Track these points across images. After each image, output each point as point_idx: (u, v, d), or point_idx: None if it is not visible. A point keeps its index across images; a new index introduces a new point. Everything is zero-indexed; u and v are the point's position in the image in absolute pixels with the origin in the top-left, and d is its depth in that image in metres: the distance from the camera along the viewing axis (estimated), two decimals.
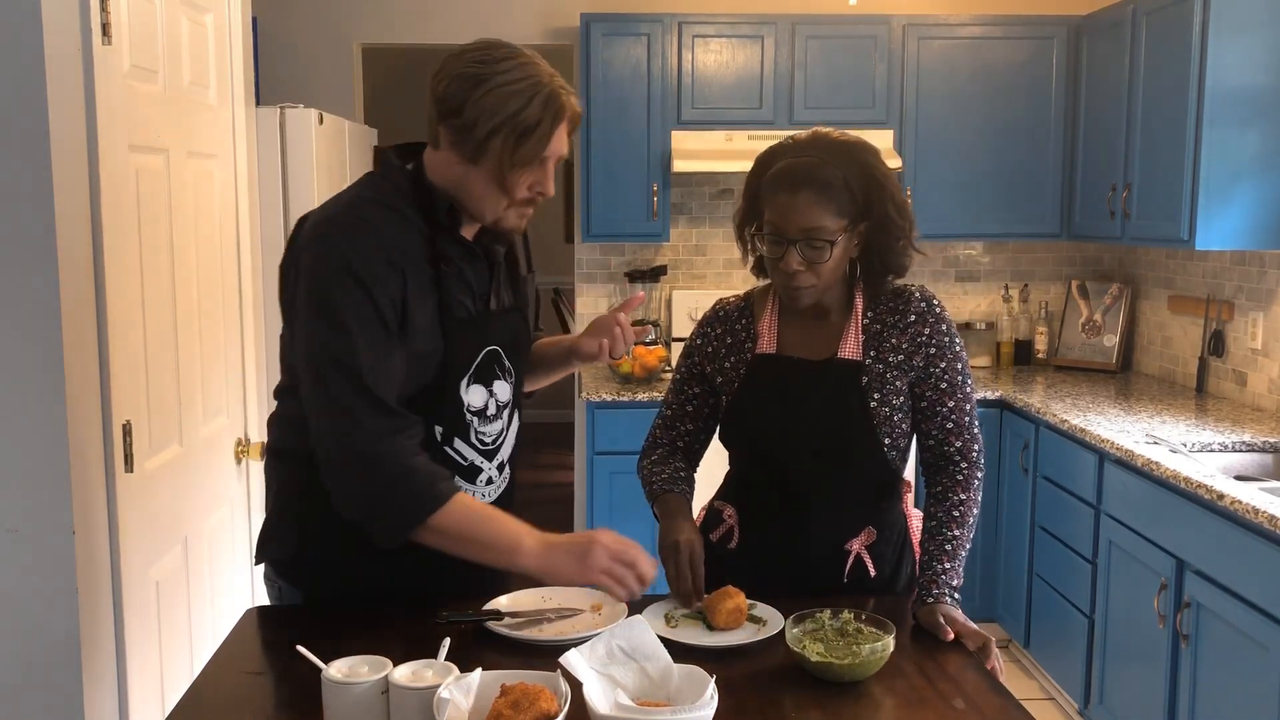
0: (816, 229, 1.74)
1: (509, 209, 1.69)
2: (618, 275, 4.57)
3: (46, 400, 1.87)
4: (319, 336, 1.61)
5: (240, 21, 2.84)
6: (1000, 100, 4.21)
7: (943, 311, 1.86)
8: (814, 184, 1.74)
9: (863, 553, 1.86)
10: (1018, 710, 1.47)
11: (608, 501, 4.01)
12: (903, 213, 1.81)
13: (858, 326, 1.84)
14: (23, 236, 1.84)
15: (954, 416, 1.84)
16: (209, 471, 2.60)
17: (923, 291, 1.87)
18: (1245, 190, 3.30)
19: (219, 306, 2.69)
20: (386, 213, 1.65)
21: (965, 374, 1.86)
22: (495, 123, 1.59)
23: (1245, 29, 3.24)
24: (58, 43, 1.86)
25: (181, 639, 2.43)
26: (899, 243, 1.82)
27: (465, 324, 1.70)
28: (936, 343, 1.83)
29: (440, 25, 4.46)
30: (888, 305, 1.86)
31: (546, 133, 1.62)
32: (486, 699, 1.31)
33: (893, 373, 1.82)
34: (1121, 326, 4.38)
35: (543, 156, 1.65)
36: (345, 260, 1.59)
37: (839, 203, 1.75)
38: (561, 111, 1.63)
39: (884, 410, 1.82)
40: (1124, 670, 3.12)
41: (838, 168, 1.75)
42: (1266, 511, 2.39)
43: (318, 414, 1.63)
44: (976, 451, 1.86)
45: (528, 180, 1.66)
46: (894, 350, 1.83)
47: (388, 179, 1.71)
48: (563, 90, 1.64)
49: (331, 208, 1.70)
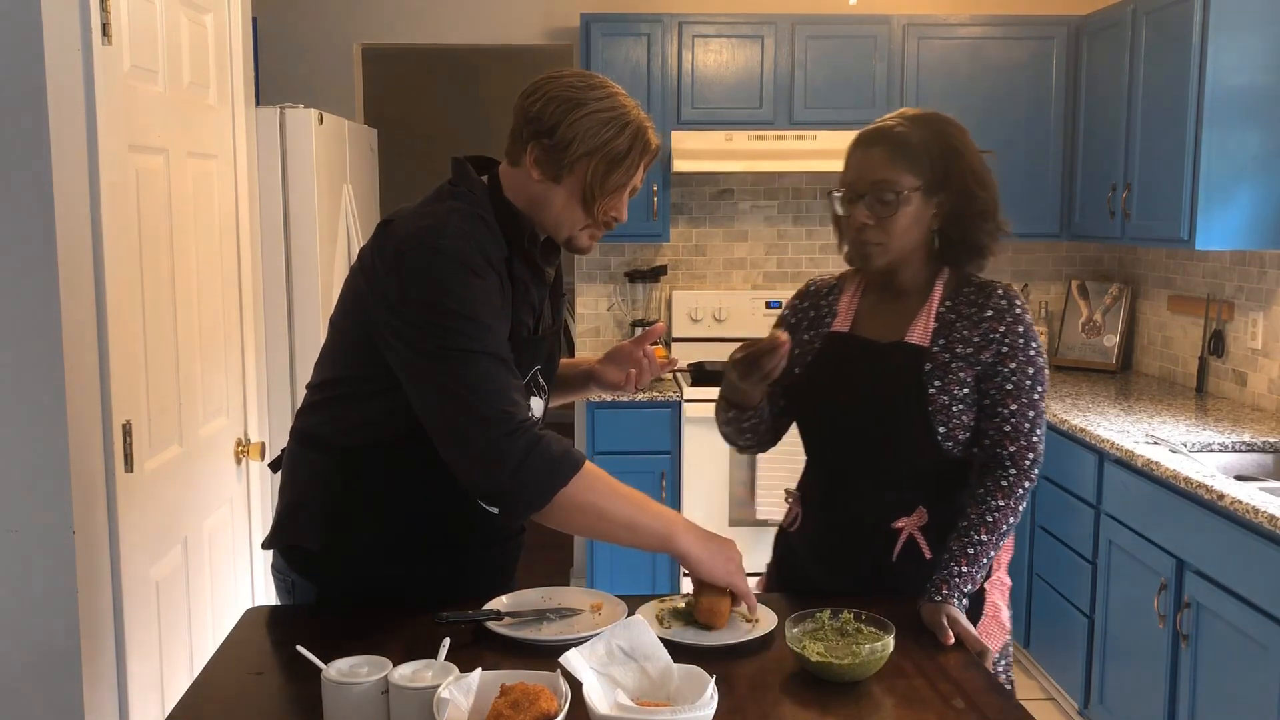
0: (885, 181, 1.77)
1: (583, 230, 1.73)
2: (618, 275, 4.58)
3: (46, 400, 1.87)
4: (438, 328, 1.57)
5: (240, 21, 2.84)
6: (1000, 100, 4.21)
7: (1023, 313, 1.81)
8: (887, 140, 1.79)
9: (915, 533, 1.83)
10: (1018, 710, 1.47)
11: None
12: (985, 187, 1.80)
13: (931, 314, 1.84)
14: (23, 236, 1.84)
15: (1013, 420, 1.80)
16: (209, 471, 2.60)
17: (1008, 290, 1.84)
18: (1245, 190, 3.30)
19: (219, 306, 2.69)
20: (481, 225, 1.67)
21: (1036, 381, 1.80)
22: (589, 147, 1.65)
23: (1245, 29, 3.24)
24: (58, 43, 1.86)
25: (181, 639, 2.43)
26: (981, 219, 1.81)
27: (525, 343, 1.73)
28: (1010, 342, 1.79)
29: (440, 25, 4.46)
30: (967, 297, 1.84)
31: (635, 164, 1.69)
32: (486, 699, 1.31)
33: (958, 363, 1.80)
34: (1121, 326, 4.38)
35: (627, 186, 1.71)
36: (456, 257, 1.60)
37: (911, 161, 1.77)
38: (649, 146, 1.70)
39: (942, 399, 1.79)
40: (1124, 670, 3.12)
41: (916, 131, 1.79)
42: (1266, 511, 2.39)
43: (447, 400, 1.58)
44: (1029, 461, 1.81)
45: (608, 206, 1.71)
46: (964, 342, 1.81)
47: (472, 191, 1.72)
48: (649, 127, 1.71)
49: (427, 212, 1.68)
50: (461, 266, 1.59)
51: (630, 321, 4.52)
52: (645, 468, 4.01)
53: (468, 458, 1.57)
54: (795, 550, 1.98)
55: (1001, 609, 1.88)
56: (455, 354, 1.57)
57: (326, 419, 1.77)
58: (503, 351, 1.60)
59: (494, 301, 1.62)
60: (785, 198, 4.61)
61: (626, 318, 4.58)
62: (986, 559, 1.77)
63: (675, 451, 4.00)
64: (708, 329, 4.51)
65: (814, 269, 4.62)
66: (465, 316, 1.57)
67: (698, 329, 4.50)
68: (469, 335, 1.57)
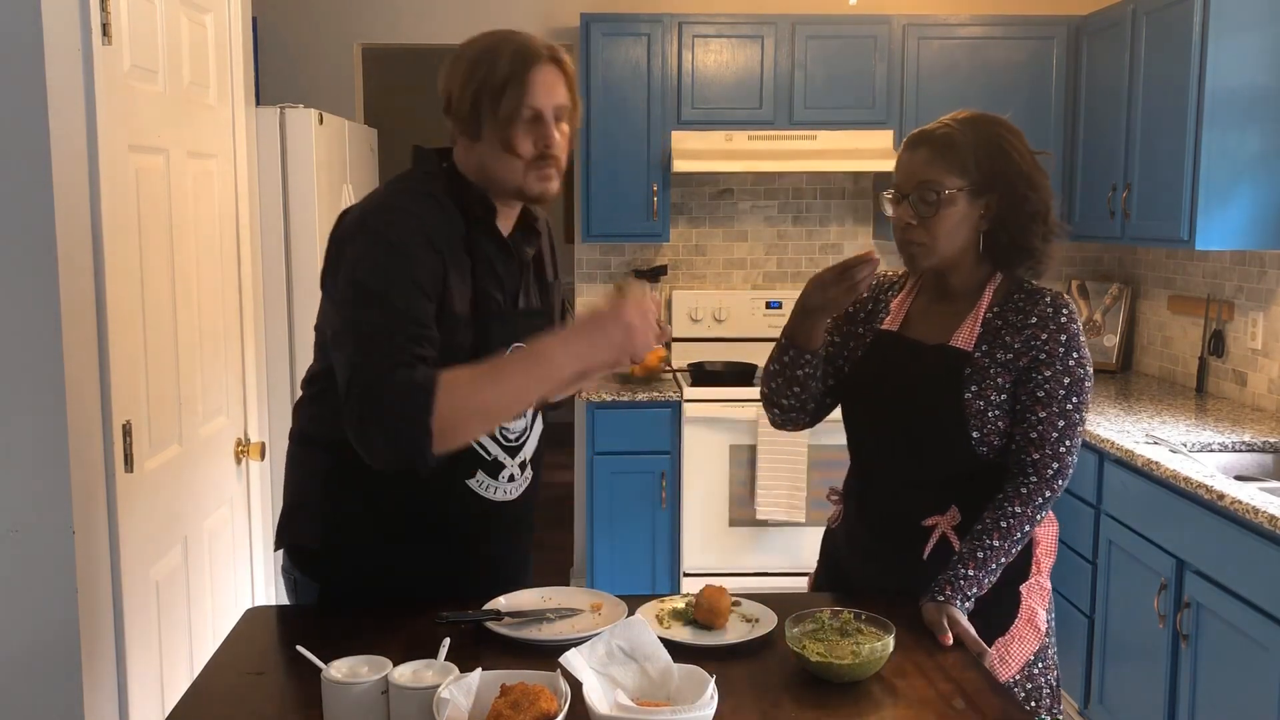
0: (929, 181, 1.78)
1: (527, 173, 1.69)
2: (618, 275, 4.57)
3: (46, 400, 1.87)
4: (354, 305, 1.59)
5: (240, 21, 2.84)
6: (1000, 100, 4.19)
7: (1069, 322, 1.79)
8: (933, 141, 1.80)
9: (949, 532, 1.83)
10: (1018, 710, 1.47)
11: (608, 501, 4.01)
12: (1036, 190, 1.80)
13: (978, 319, 1.84)
14: (23, 236, 1.84)
15: (1040, 428, 1.78)
16: (209, 471, 2.60)
17: (1056, 298, 1.82)
18: (1245, 190, 3.29)
19: (219, 306, 2.69)
20: (426, 201, 1.68)
21: (1072, 391, 1.78)
22: (473, 92, 1.64)
23: (1245, 29, 3.24)
24: (58, 43, 1.86)
25: (181, 639, 2.43)
26: (1031, 221, 1.80)
27: (496, 319, 1.72)
28: (1049, 350, 1.78)
29: (440, 25, 4.46)
30: (1016, 304, 1.83)
31: (521, 81, 1.63)
32: (486, 699, 1.31)
33: (997, 368, 1.80)
34: (1121, 326, 4.38)
35: (532, 108, 1.65)
36: (387, 241, 1.61)
37: (957, 160, 1.78)
38: (531, 59, 1.64)
39: (978, 404, 1.79)
40: (1124, 670, 3.12)
41: (962, 132, 1.79)
42: (1266, 511, 2.39)
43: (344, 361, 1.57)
44: (1052, 471, 1.78)
45: (528, 137, 1.66)
46: (1006, 349, 1.81)
47: (426, 172, 1.74)
48: (537, 43, 1.66)
49: (373, 198, 1.72)
50: (382, 242, 1.60)
51: None
52: (645, 468, 4.01)
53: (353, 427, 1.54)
54: (839, 548, 2.01)
55: (1038, 613, 1.84)
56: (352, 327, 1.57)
57: (315, 414, 1.79)
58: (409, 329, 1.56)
59: (416, 277, 1.59)
60: (785, 198, 4.60)
61: None
62: (996, 564, 1.76)
63: (675, 451, 4.00)
64: (708, 329, 4.51)
65: (814, 269, 4.59)
66: (376, 293, 1.57)
67: (698, 329, 4.50)
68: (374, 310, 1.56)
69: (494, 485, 1.78)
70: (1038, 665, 1.84)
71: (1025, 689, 1.82)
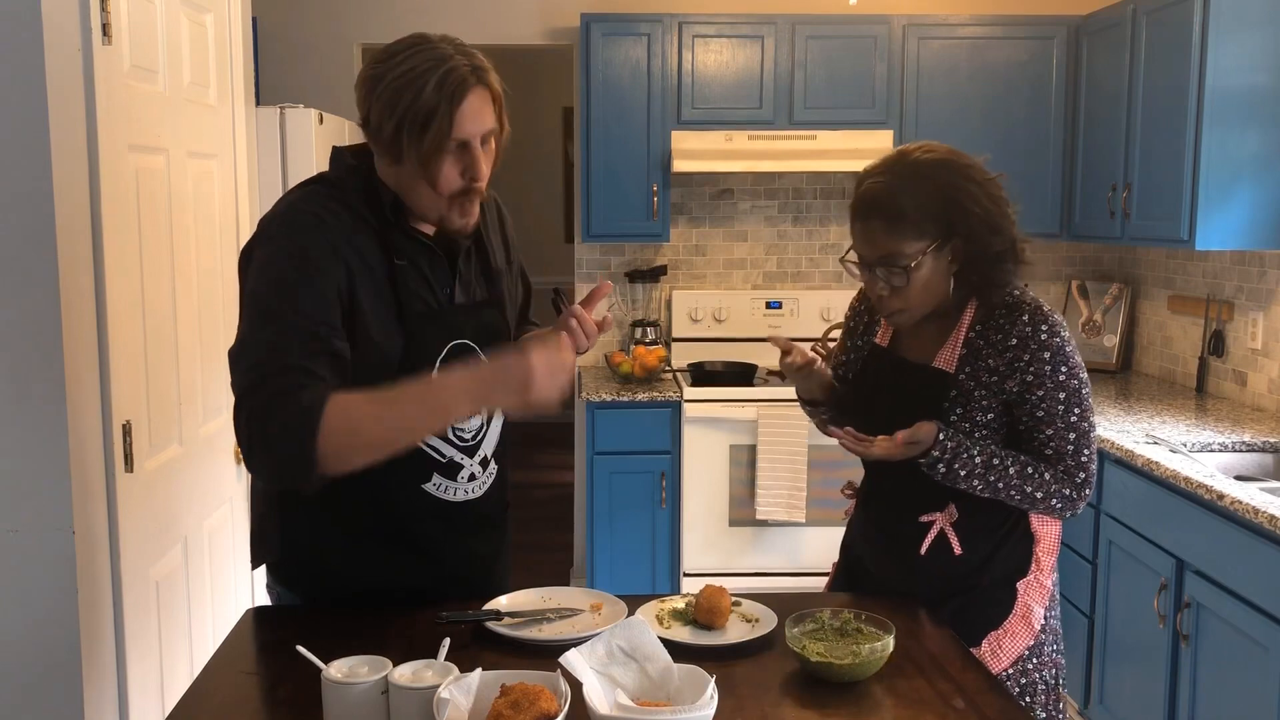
0: (892, 254, 1.77)
1: (450, 208, 1.63)
2: (618, 275, 4.58)
3: (46, 400, 1.87)
4: (251, 322, 1.57)
5: (240, 21, 2.84)
6: (1000, 100, 4.21)
7: (1050, 337, 1.78)
8: (884, 212, 1.76)
9: (947, 529, 1.85)
10: (1018, 710, 1.47)
11: (608, 501, 4.01)
12: (998, 232, 1.77)
13: (960, 339, 1.84)
14: (23, 236, 1.84)
15: (1053, 444, 1.80)
16: (209, 471, 2.60)
17: (1035, 313, 1.80)
18: (1245, 190, 3.30)
19: (219, 306, 2.69)
20: (335, 206, 1.63)
21: (1071, 404, 1.79)
22: (395, 121, 1.55)
23: (1245, 29, 3.24)
24: (58, 43, 1.86)
25: (181, 639, 2.43)
26: (1000, 261, 1.79)
27: (425, 318, 1.68)
28: (1035, 370, 1.78)
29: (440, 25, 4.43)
30: (996, 322, 1.82)
31: (449, 113, 1.55)
32: (486, 699, 1.31)
33: (982, 391, 1.81)
34: (1121, 326, 4.38)
35: (459, 139, 1.58)
36: (288, 252, 1.58)
37: (914, 227, 1.75)
38: (459, 89, 1.55)
39: (964, 426, 1.81)
40: (1124, 670, 3.12)
41: (910, 193, 1.75)
42: (1266, 511, 2.39)
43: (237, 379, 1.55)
44: (1081, 479, 1.80)
45: (454, 169, 1.60)
46: (990, 371, 1.81)
47: (339, 175, 1.69)
48: (463, 66, 1.56)
49: (280, 205, 1.68)
50: (283, 253, 1.58)
51: (630, 321, 4.52)
52: (645, 468, 4.01)
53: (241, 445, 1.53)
54: (856, 542, 2.05)
55: (1034, 610, 1.85)
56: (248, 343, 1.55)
57: None
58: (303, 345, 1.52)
59: (318, 287, 1.55)
60: (785, 198, 4.60)
61: (626, 318, 4.58)
62: (998, 481, 1.77)
63: (675, 451, 4.00)
64: (708, 329, 4.51)
65: (814, 269, 4.62)
66: (273, 308, 1.55)
67: (698, 329, 4.50)
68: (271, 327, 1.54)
69: (453, 486, 1.74)
70: (1032, 661, 1.85)
71: (1019, 684, 1.83)
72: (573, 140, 5.21)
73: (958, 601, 1.84)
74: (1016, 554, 1.87)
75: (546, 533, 5.29)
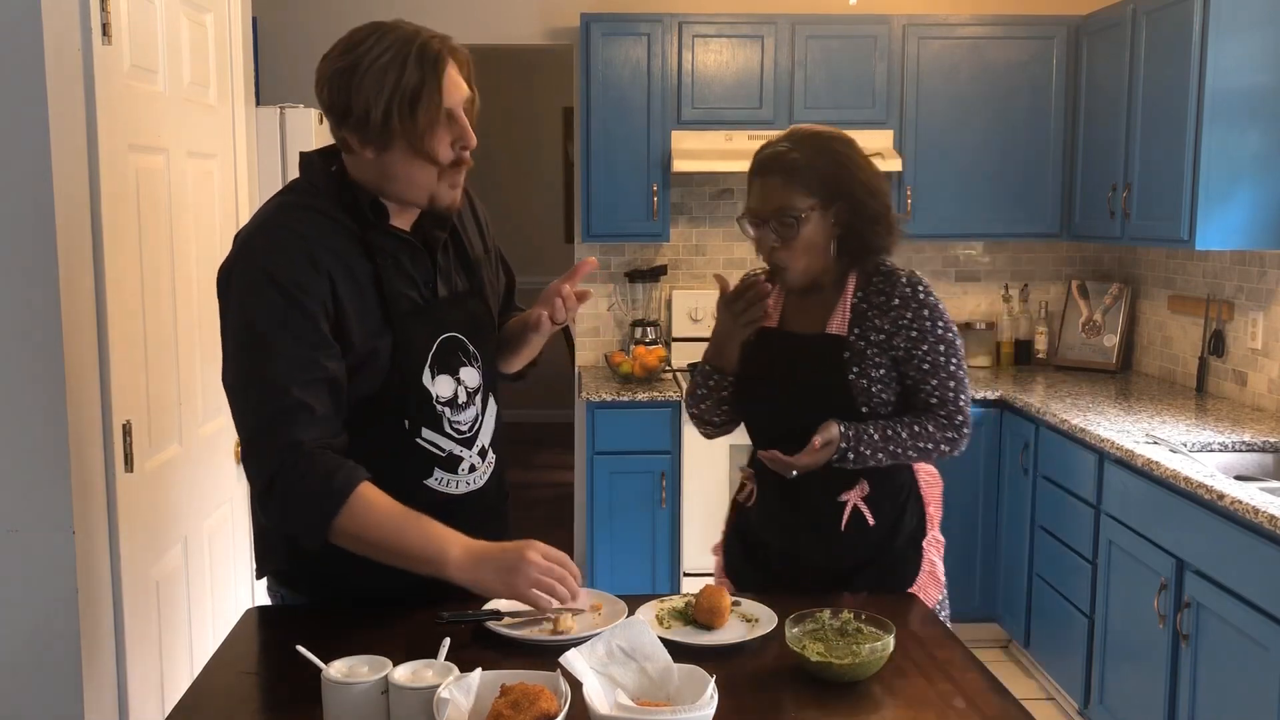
0: (784, 207, 1.94)
1: (440, 181, 1.66)
2: (618, 275, 4.58)
3: (46, 400, 1.87)
4: (244, 356, 1.61)
5: (240, 21, 2.84)
6: (1000, 100, 4.21)
7: (927, 296, 1.97)
8: (780, 168, 1.95)
9: (859, 504, 2.00)
10: (1018, 710, 1.47)
11: (608, 501, 4.01)
12: (875, 195, 1.96)
13: (846, 305, 2.00)
14: (23, 236, 1.84)
15: (937, 393, 1.99)
16: (209, 471, 2.60)
17: (910, 277, 1.99)
18: (1245, 190, 3.30)
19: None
20: (310, 215, 1.65)
21: (950, 355, 1.98)
22: (385, 103, 1.58)
23: (1245, 29, 3.24)
24: (58, 43, 1.86)
25: (181, 639, 2.43)
26: (875, 224, 1.97)
27: (412, 314, 1.69)
28: (918, 327, 1.96)
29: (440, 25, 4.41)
30: (877, 286, 1.99)
31: (435, 85, 1.60)
32: (486, 699, 1.31)
33: (873, 349, 1.97)
34: (1121, 326, 4.38)
35: (446, 109, 1.62)
36: (267, 273, 1.59)
37: (804, 183, 1.93)
38: (438, 60, 1.60)
39: (862, 382, 1.97)
40: (1124, 670, 3.12)
41: (803, 153, 1.94)
42: (1266, 511, 2.39)
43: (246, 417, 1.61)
44: (959, 420, 2.00)
45: (445, 140, 1.64)
46: (877, 330, 1.97)
47: (311, 182, 1.70)
48: (433, 39, 1.62)
49: (255, 219, 1.70)
50: (265, 276, 1.59)
51: (630, 321, 4.52)
52: (645, 468, 4.01)
53: (258, 487, 1.60)
54: (752, 524, 2.13)
55: (937, 564, 2.07)
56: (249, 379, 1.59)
57: None
58: (297, 376, 1.57)
59: (306, 308, 1.58)
60: None
61: (626, 318, 4.58)
62: (896, 448, 1.94)
63: (675, 451, 4.00)
64: (708, 329, 4.46)
65: None
66: (268, 340, 1.58)
67: (698, 329, 4.50)
68: (274, 362, 1.57)
69: (454, 479, 1.76)
70: (942, 613, 2.05)
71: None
72: (573, 140, 5.20)
73: (873, 569, 2.01)
74: (915, 515, 2.06)
75: (546, 533, 5.27)
